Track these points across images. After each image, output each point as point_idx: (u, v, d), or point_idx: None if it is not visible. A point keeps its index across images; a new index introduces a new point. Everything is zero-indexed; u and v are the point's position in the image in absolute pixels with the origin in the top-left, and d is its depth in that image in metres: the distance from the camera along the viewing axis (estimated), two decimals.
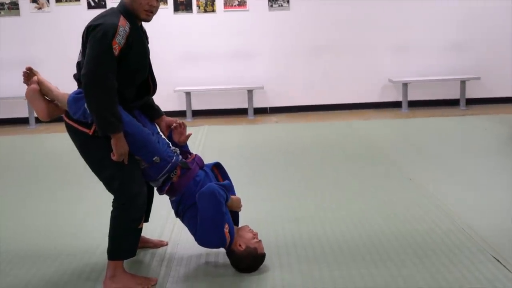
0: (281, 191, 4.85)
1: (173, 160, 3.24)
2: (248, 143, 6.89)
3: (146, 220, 3.58)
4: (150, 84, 3.38)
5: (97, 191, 3.55)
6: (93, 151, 3.16)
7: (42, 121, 4.10)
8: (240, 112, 8.94)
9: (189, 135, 3.49)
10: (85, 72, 2.97)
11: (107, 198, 3.23)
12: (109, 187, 3.17)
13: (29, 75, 3.38)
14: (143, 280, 3.18)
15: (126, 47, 3.04)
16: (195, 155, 3.43)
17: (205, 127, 7.88)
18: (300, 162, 5.85)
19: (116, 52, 2.99)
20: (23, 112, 8.75)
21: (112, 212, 3.17)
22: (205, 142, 6.91)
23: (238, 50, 8.93)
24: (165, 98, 8.79)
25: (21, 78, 3.36)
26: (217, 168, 3.54)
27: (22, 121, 8.80)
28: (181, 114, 8.83)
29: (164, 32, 8.67)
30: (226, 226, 3.17)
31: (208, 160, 5.00)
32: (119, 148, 3.04)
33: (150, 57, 3.30)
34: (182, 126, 3.47)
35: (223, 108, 9.02)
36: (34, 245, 3.82)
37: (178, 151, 3.35)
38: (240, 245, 3.23)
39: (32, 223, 4.29)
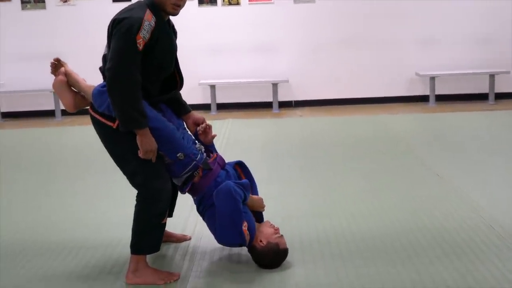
0: (305, 186, 4.80)
1: (197, 158, 3.20)
2: (272, 137, 6.83)
3: (170, 215, 3.56)
4: (177, 79, 3.35)
5: (122, 183, 3.52)
6: (117, 145, 3.13)
7: (68, 114, 4.10)
8: (264, 106, 8.88)
9: (214, 136, 3.44)
10: (109, 67, 2.95)
11: (131, 191, 3.20)
12: (133, 181, 3.15)
13: (56, 66, 3.40)
14: (166, 274, 3.16)
15: (151, 42, 3.00)
16: (217, 154, 3.38)
17: (229, 121, 7.84)
18: (324, 157, 5.78)
19: (141, 46, 2.95)
20: (49, 105, 8.81)
21: (136, 206, 3.14)
22: (229, 136, 6.87)
23: (263, 43, 8.87)
24: (189, 91, 8.76)
25: (46, 71, 3.36)
26: (240, 166, 3.49)
27: (48, 114, 8.85)
28: (206, 107, 8.82)
29: (189, 25, 8.63)
30: (245, 224, 3.12)
31: (231, 154, 5.00)
32: (145, 144, 3.00)
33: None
34: (208, 128, 3.41)
35: (248, 101, 8.97)
36: (56, 238, 3.83)
37: (203, 149, 3.31)
38: (261, 241, 3.19)
39: (55, 215, 4.30)
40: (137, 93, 2.97)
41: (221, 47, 8.88)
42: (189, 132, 3.40)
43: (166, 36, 3.12)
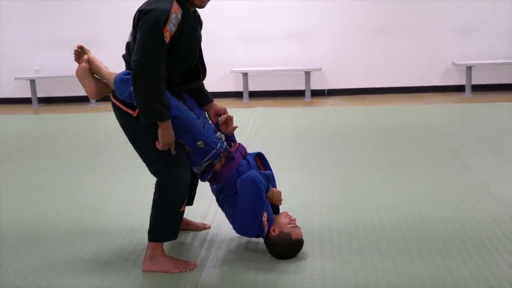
0: (332, 176, 4.76)
1: (217, 147, 3.19)
2: (302, 125, 6.79)
3: (191, 203, 3.58)
4: (200, 69, 3.34)
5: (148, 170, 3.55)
6: (137, 133, 3.15)
7: (102, 100, 4.15)
8: (297, 94, 8.83)
9: (235, 127, 3.43)
10: (134, 59, 2.95)
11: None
12: (152, 169, 3.16)
13: (80, 53, 3.42)
14: (182, 263, 3.17)
15: (177, 35, 2.99)
16: (239, 144, 3.37)
17: (260, 109, 7.82)
18: (353, 146, 5.72)
19: (167, 40, 2.95)
20: (83, 91, 8.87)
21: (154, 193, 3.16)
22: (259, 124, 6.85)
23: (296, 30, 8.79)
24: (222, 79, 8.83)
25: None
26: (260, 158, 3.47)
27: (82, 100, 8.95)
28: (238, 95, 8.82)
29: (221, 12, 8.62)
30: (265, 214, 3.11)
31: (260, 142, 4.99)
32: (165, 137, 3.01)
33: (207, 38, 3.25)
34: (230, 119, 3.41)
35: (280, 89, 8.93)
36: (81, 222, 3.89)
37: (224, 138, 3.30)
38: (274, 230, 3.17)
39: (82, 200, 4.36)
40: (162, 86, 2.97)
41: (253, 34, 8.84)
42: (210, 122, 3.39)
43: (191, 28, 3.11)
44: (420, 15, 8.66)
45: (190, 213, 3.65)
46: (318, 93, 8.87)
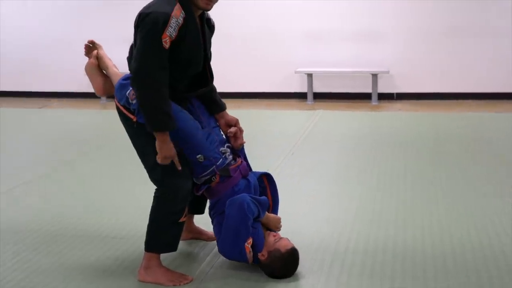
0: (370, 188, 4.47)
1: (218, 163, 3.03)
2: (359, 131, 6.48)
3: (202, 212, 3.45)
4: (207, 75, 3.18)
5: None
6: (139, 138, 3.04)
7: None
8: (363, 97, 8.49)
9: (243, 142, 3.24)
10: (133, 68, 2.84)
11: None
12: (151, 176, 3.05)
13: (90, 48, 3.36)
14: (177, 276, 3.03)
15: (178, 40, 2.83)
16: (241, 161, 3.17)
17: (319, 112, 7.56)
18: (409, 157, 5.31)
19: (167, 45, 2.79)
20: None
21: (152, 202, 3.04)
22: (313, 128, 6.61)
23: (363, 30, 8.44)
24: (285, 79, 8.64)
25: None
26: (268, 179, 3.28)
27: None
28: (302, 96, 8.61)
29: (286, 10, 8.44)
30: (250, 241, 2.92)
31: (307, 147, 4.81)
32: (162, 150, 2.86)
33: (271, 37, 3.08)
34: (239, 132, 3.22)
35: (346, 91, 8.62)
36: (95, 225, 3.84)
37: (228, 152, 3.12)
38: (262, 255, 2.98)
39: (98, 202, 4.30)
40: (163, 94, 2.83)
41: (319, 34, 8.56)
42: (220, 132, 3.23)
43: (195, 33, 2.94)
44: (501, 15, 8.04)
45: (201, 223, 3.51)
46: (386, 97, 8.49)
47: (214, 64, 3.17)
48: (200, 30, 2.99)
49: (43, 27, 9.42)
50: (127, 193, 4.46)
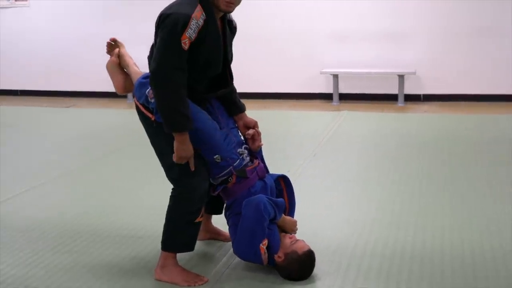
0: (391, 190, 4.41)
1: (235, 164, 3.03)
2: (382, 133, 6.41)
3: (220, 212, 3.44)
4: (227, 77, 3.18)
5: None
6: (157, 137, 3.04)
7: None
8: (391, 98, 8.39)
9: (261, 145, 3.23)
10: (152, 68, 2.85)
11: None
12: (168, 175, 3.06)
13: (112, 46, 3.39)
14: (192, 277, 3.03)
15: (197, 41, 2.84)
16: (259, 163, 3.16)
17: (343, 113, 7.51)
18: (432, 160, 5.23)
19: (186, 46, 2.80)
20: None
21: (169, 201, 3.06)
22: (337, 129, 6.56)
23: (390, 31, 8.35)
24: (311, 80, 8.61)
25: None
26: (284, 181, 3.27)
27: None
28: (327, 97, 8.56)
29: (312, 11, 8.41)
30: (265, 242, 2.91)
31: (329, 148, 4.77)
32: (179, 151, 2.87)
33: (297, 37, 3.07)
34: (257, 134, 3.21)
35: (372, 92, 8.54)
36: (115, 224, 3.87)
37: (246, 154, 3.11)
38: (279, 256, 2.96)
39: (119, 202, 4.33)
40: (181, 95, 2.83)
41: (345, 34, 8.49)
42: (239, 133, 3.23)
43: (215, 35, 2.94)
44: None
45: (220, 223, 3.50)
46: (412, 98, 8.38)
47: (239, 64, 3.18)
48: (220, 32, 2.99)
49: (71, 28, 9.53)
50: (148, 193, 4.48)
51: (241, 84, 3.21)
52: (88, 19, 9.42)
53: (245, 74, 8.58)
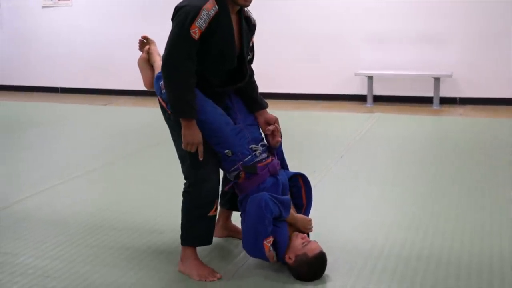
0: (415, 194, 4.38)
1: (245, 159, 3.06)
2: (414, 135, 6.35)
3: (238, 209, 3.48)
4: (243, 72, 3.21)
5: None
6: (173, 129, 3.12)
7: None
8: (426, 101, 8.29)
9: (279, 141, 3.24)
10: (163, 56, 2.94)
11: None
12: (182, 167, 3.14)
13: (143, 43, 3.53)
14: (207, 272, 3.08)
15: (207, 32, 2.90)
16: (272, 159, 3.18)
17: (376, 115, 7.47)
18: (461, 164, 5.16)
19: (196, 36, 2.87)
20: None
21: (182, 195, 3.14)
22: (368, 132, 6.53)
23: (425, 33, 8.25)
24: (345, 81, 8.58)
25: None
26: (302, 179, 3.28)
27: None
28: (361, 98, 8.52)
29: (348, 12, 8.38)
30: (270, 239, 2.93)
31: (359, 150, 4.74)
32: (186, 136, 2.95)
33: (332, 38, 3.09)
34: (276, 130, 3.24)
35: (407, 95, 8.46)
36: (137, 218, 3.95)
37: (260, 150, 3.13)
38: (289, 258, 2.98)
39: (145, 197, 4.42)
40: (188, 83, 2.91)
41: (381, 36, 8.44)
42: (259, 130, 3.26)
43: (227, 27, 2.99)
44: None
45: (237, 219, 3.55)
46: (448, 101, 8.27)
47: (275, 65, 3.21)
48: (233, 26, 3.03)
49: (111, 28, 9.74)
50: (173, 189, 4.54)
51: (276, 84, 3.23)
52: (127, 20, 9.60)
53: (280, 75, 8.62)
